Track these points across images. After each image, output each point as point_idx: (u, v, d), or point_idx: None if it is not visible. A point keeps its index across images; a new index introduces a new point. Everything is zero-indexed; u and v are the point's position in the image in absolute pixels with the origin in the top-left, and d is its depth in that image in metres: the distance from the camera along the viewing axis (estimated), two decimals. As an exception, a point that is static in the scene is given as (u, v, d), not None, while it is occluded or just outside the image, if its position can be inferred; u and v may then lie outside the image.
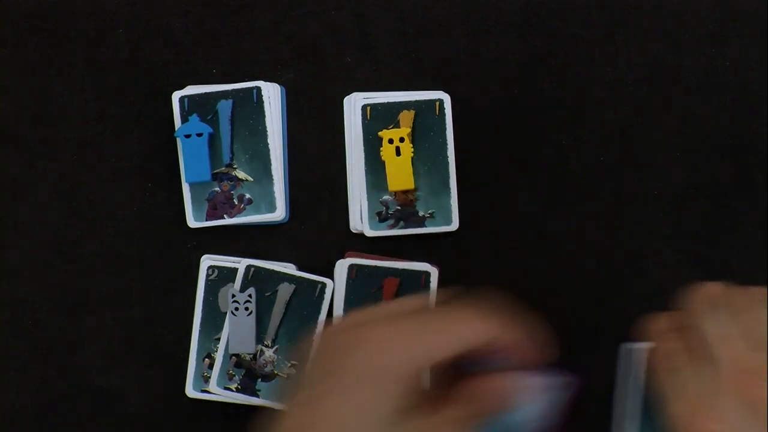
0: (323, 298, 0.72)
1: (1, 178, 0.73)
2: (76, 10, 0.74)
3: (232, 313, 0.71)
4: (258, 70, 0.74)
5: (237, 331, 0.71)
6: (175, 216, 0.72)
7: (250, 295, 0.71)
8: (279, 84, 0.74)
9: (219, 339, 0.71)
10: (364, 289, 0.72)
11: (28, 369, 0.72)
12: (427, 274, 0.72)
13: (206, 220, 0.72)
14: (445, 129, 0.73)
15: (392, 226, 0.72)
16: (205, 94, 0.73)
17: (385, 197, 0.72)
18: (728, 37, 0.74)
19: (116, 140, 0.73)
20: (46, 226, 0.73)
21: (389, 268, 0.72)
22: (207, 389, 0.72)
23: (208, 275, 0.72)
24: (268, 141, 0.72)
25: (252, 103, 0.73)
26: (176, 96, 0.73)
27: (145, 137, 0.73)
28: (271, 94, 0.73)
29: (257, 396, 0.71)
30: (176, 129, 0.72)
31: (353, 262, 0.72)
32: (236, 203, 0.72)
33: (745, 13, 0.75)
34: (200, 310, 0.72)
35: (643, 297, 0.73)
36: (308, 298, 0.72)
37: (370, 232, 0.72)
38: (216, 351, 0.72)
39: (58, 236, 0.73)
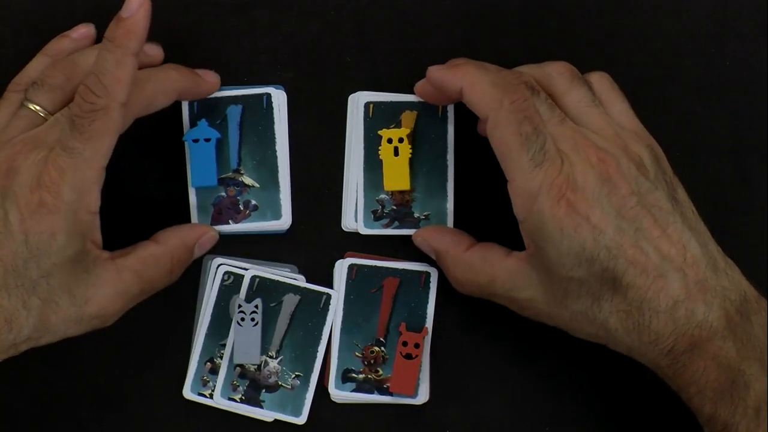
0: (328, 309, 0.72)
1: (1, 178, 0.73)
2: (76, 10, 0.74)
3: (238, 323, 0.71)
4: (258, 70, 0.74)
5: (242, 342, 0.71)
6: (176, 218, 0.72)
7: (256, 306, 0.71)
8: (278, 84, 0.73)
9: (224, 345, 0.71)
10: (364, 289, 0.72)
11: (28, 369, 0.72)
12: (427, 274, 0.72)
13: (211, 225, 0.72)
14: (446, 132, 0.73)
15: (387, 225, 0.72)
16: (215, 98, 0.72)
17: (382, 196, 0.72)
18: (728, 37, 0.75)
19: (116, 140, 0.73)
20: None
21: (389, 268, 0.72)
22: (203, 392, 0.71)
23: (223, 280, 0.72)
24: (276, 148, 0.72)
25: (261, 109, 0.73)
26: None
27: (146, 138, 0.73)
28: (280, 101, 0.73)
29: (261, 407, 0.71)
30: (185, 133, 0.72)
31: (353, 262, 0.72)
32: (242, 209, 0.72)
33: (745, 13, 0.75)
34: (209, 314, 0.72)
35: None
36: (313, 308, 0.72)
37: (363, 230, 0.72)
38: (219, 356, 0.71)
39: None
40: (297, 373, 0.71)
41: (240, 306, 0.71)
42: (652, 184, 0.64)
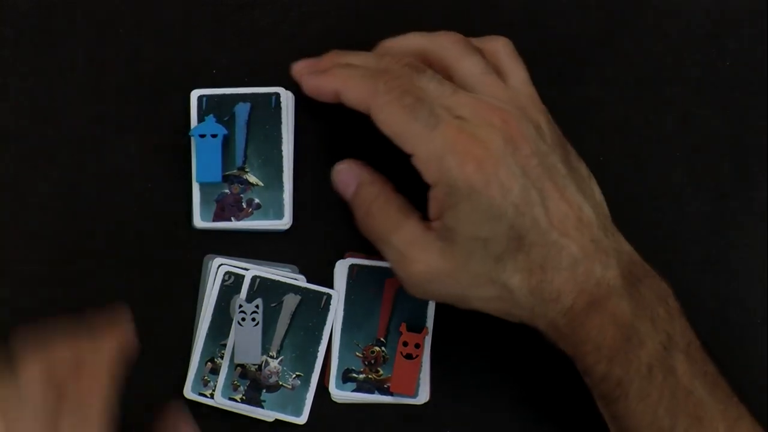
0: (329, 309, 0.72)
1: (1, 178, 0.73)
2: (76, 10, 0.74)
3: (239, 323, 0.71)
4: (258, 71, 0.74)
5: (242, 342, 0.71)
6: (175, 216, 0.72)
7: (257, 306, 0.71)
8: (278, 85, 0.73)
9: (224, 345, 0.71)
10: (365, 289, 0.72)
11: (28, 369, 0.72)
12: (428, 274, 0.72)
13: (213, 221, 0.72)
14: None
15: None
16: (224, 95, 0.72)
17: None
18: (728, 37, 0.75)
19: (116, 140, 0.73)
20: (46, 226, 0.73)
21: (390, 268, 0.72)
22: (204, 392, 0.71)
23: (224, 280, 0.72)
24: (282, 148, 0.72)
25: (270, 109, 0.73)
26: (195, 94, 0.72)
27: (145, 137, 0.73)
28: (288, 102, 0.73)
29: (262, 407, 0.71)
30: (191, 128, 0.72)
31: (354, 262, 0.72)
32: (244, 207, 0.72)
33: (745, 13, 0.75)
34: (210, 314, 0.71)
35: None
36: (314, 309, 0.72)
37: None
38: (220, 357, 0.71)
39: (58, 236, 0.73)
40: (297, 373, 0.71)
41: (241, 306, 0.71)
42: (549, 147, 0.65)
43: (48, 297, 0.72)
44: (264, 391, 0.71)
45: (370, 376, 0.72)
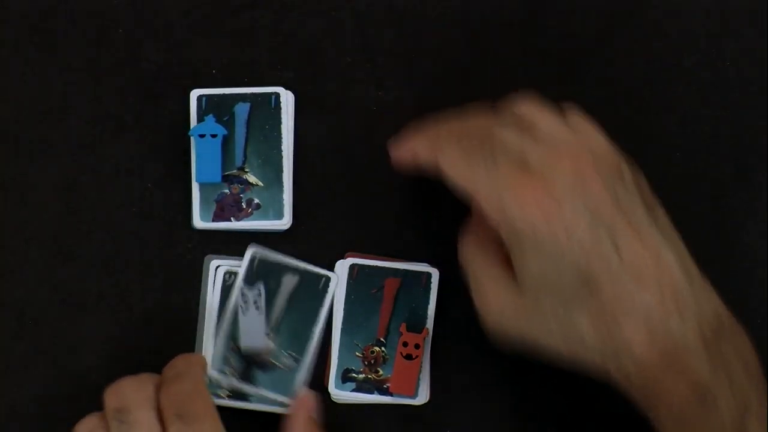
0: (326, 292, 0.72)
1: (1, 178, 0.73)
2: (77, 10, 0.74)
3: (240, 308, 0.71)
4: (257, 70, 0.74)
5: (247, 328, 0.71)
6: (175, 216, 0.72)
7: (259, 293, 0.71)
8: (278, 85, 0.73)
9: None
10: (365, 289, 0.72)
11: (28, 369, 0.72)
12: (428, 275, 0.72)
13: (213, 221, 0.72)
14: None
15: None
16: (223, 95, 0.73)
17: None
18: (728, 37, 0.75)
19: (116, 140, 0.73)
20: (46, 226, 0.73)
21: (390, 269, 0.72)
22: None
23: (224, 281, 0.72)
24: (282, 148, 0.72)
25: (269, 109, 0.73)
26: (194, 94, 0.72)
27: (145, 137, 0.73)
28: (288, 102, 0.73)
29: (254, 385, 0.71)
30: (191, 127, 0.72)
31: (354, 262, 0.72)
32: (244, 207, 0.72)
33: (745, 13, 0.75)
34: (214, 315, 0.71)
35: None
36: (312, 290, 0.72)
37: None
38: (224, 358, 0.72)
39: (58, 236, 0.73)
40: (291, 353, 0.71)
41: (243, 293, 0.71)
42: (628, 191, 0.62)
43: (48, 297, 0.72)
44: (257, 369, 0.71)
45: (369, 376, 0.72)
